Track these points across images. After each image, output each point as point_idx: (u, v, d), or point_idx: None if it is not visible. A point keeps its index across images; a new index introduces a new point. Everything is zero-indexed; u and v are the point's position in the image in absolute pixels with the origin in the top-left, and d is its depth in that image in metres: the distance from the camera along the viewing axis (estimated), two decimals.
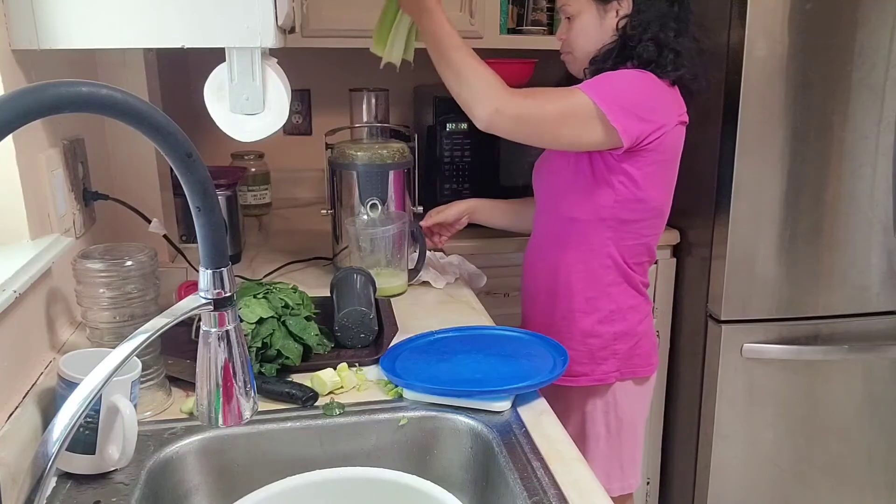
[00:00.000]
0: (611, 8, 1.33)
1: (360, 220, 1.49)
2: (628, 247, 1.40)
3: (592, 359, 1.43)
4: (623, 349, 1.43)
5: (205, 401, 0.66)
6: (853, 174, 1.82)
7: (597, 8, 1.35)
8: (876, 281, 1.91)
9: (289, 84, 1.04)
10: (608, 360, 1.43)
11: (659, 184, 1.37)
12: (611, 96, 1.27)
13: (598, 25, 1.35)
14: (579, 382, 1.43)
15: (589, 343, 1.42)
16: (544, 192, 1.48)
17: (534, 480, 0.85)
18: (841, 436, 2.00)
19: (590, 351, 1.42)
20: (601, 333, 1.42)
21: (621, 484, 1.48)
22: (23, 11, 0.95)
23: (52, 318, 1.08)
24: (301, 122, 2.37)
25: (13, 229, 1.01)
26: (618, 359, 1.43)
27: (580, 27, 1.37)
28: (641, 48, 1.30)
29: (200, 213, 0.59)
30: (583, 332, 1.43)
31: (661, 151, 1.32)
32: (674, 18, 1.32)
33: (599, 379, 1.43)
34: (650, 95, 1.31)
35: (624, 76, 1.30)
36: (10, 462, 0.81)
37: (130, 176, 1.45)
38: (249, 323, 1.07)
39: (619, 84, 1.30)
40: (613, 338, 1.42)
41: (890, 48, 1.75)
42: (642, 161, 1.32)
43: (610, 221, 1.37)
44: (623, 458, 1.48)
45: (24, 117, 0.48)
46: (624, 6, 1.33)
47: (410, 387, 1.03)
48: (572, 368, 1.40)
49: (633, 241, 1.39)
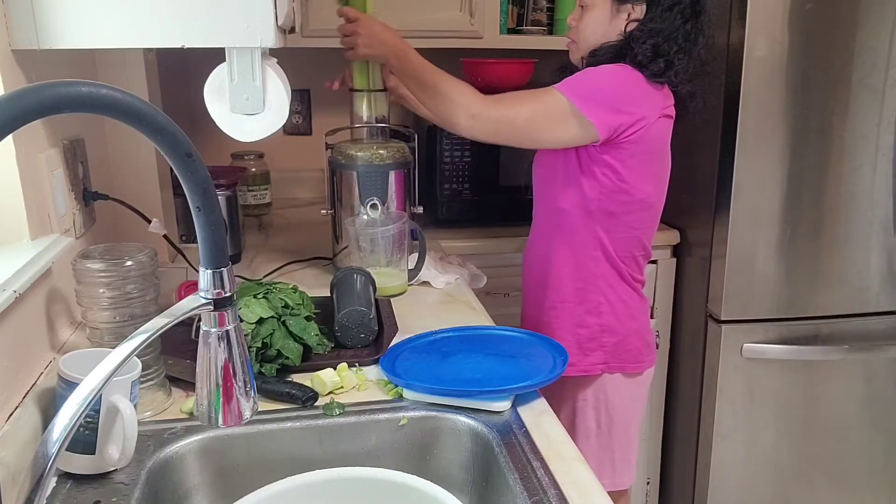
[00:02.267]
0: (624, 9, 1.34)
1: (360, 220, 1.49)
2: (618, 239, 1.41)
3: (580, 349, 1.45)
4: (611, 342, 1.45)
5: (205, 401, 0.66)
6: (853, 174, 1.82)
7: (612, 5, 1.35)
8: (876, 281, 1.91)
9: (289, 84, 1.04)
10: (595, 352, 1.45)
11: (644, 176, 1.38)
12: (586, 91, 1.30)
13: (608, 22, 1.36)
14: (567, 372, 1.43)
15: (577, 333, 1.45)
16: (537, 185, 1.51)
17: (534, 480, 0.85)
18: (841, 436, 2.00)
19: (577, 341, 1.45)
20: (589, 324, 1.44)
21: (612, 480, 1.50)
22: (23, 11, 0.95)
23: (52, 318, 1.08)
24: (301, 122, 2.37)
25: (13, 229, 1.01)
26: (605, 351, 1.45)
27: (591, 19, 1.38)
28: (638, 50, 1.32)
29: (200, 213, 0.59)
30: (571, 322, 1.45)
31: (645, 143, 1.34)
32: (683, 36, 1.32)
33: (585, 370, 1.45)
34: (627, 87, 1.32)
35: (601, 71, 1.33)
36: (10, 462, 0.81)
37: (130, 176, 1.45)
38: (249, 323, 1.07)
39: (596, 78, 1.33)
40: (601, 330, 1.44)
41: (890, 48, 1.75)
42: (624, 153, 1.34)
43: (598, 214, 1.39)
44: (615, 455, 1.49)
45: (24, 117, 0.48)
46: (637, 11, 1.34)
47: (410, 387, 1.03)
48: None
49: (622, 233, 1.41)
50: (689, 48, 1.33)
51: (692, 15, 1.33)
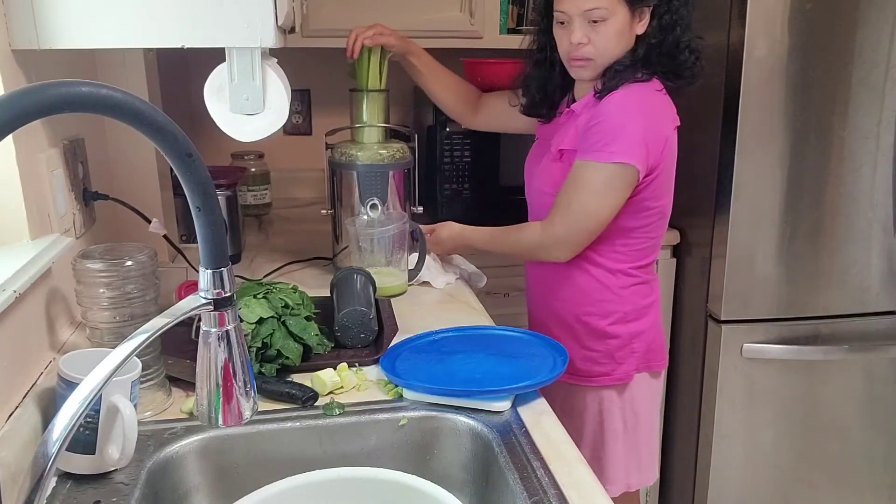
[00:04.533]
0: (639, 13, 1.29)
1: (360, 220, 1.48)
2: (637, 251, 1.40)
3: (612, 359, 1.42)
4: (641, 347, 1.43)
5: (205, 401, 0.66)
6: (853, 174, 1.82)
7: (628, 12, 1.27)
8: (876, 281, 1.90)
9: (289, 84, 1.04)
10: (628, 359, 1.42)
11: (664, 190, 1.37)
12: (613, 142, 1.26)
13: (629, 31, 1.29)
14: (601, 382, 1.43)
15: (608, 343, 1.42)
16: (545, 206, 1.40)
17: (534, 480, 0.85)
18: (841, 436, 2.00)
19: (609, 351, 1.42)
20: (619, 334, 1.41)
21: (639, 478, 1.48)
22: (23, 11, 0.95)
23: (52, 318, 1.08)
24: (301, 122, 2.37)
25: (13, 229, 1.01)
26: (636, 357, 1.43)
27: (612, 32, 1.28)
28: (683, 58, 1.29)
29: (200, 213, 0.59)
30: (601, 334, 1.42)
31: (664, 159, 1.32)
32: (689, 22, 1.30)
33: (620, 378, 1.43)
34: (646, 118, 1.29)
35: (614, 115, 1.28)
36: (10, 462, 0.81)
37: (130, 176, 1.45)
38: (249, 323, 1.07)
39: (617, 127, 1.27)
40: (630, 337, 1.42)
41: (890, 48, 1.75)
42: (650, 176, 1.31)
43: (617, 231, 1.36)
44: (640, 452, 1.47)
45: (24, 117, 0.48)
46: (647, 14, 1.29)
47: (410, 387, 1.03)
48: (591, 369, 1.42)
49: (642, 244, 1.40)
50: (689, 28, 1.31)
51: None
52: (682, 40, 1.30)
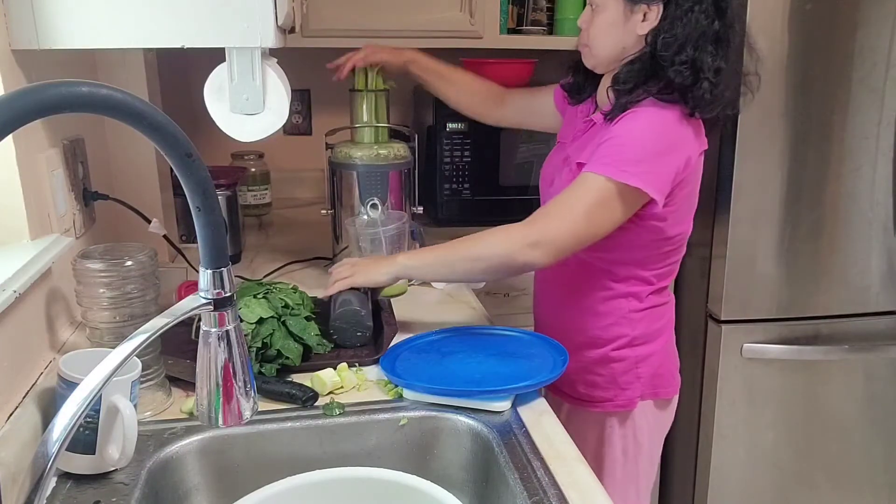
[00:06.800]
0: (638, 10, 1.21)
1: (360, 220, 1.48)
2: (654, 275, 1.32)
3: (615, 384, 1.34)
4: (647, 372, 1.34)
5: (205, 401, 0.66)
6: (853, 174, 1.82)
7: (624, 6, 1.22)
8: (876, 281, 1.90)
9: (289, 84, 1.04)
10: (632, 385, 1.34)
11: (686, 216, 1.30)
12: (624, 160, 1.17)
13: (622, 25, 1.23)
14: (604, 408, 1.35)
15: (612, 368, 1.33)
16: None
17: (534, 480, 0.85)
18: (841, 436, 2.00)
19: (612, 376, 1.34)
20: (625, 357, 1.33)
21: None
22: (23, 11, 0.95)
23: (52, 318, 1.08)
24: (301, 122, 2.37)
25: (13, 229, 1.01)
26: (642, 382, 1.35)
27: (603, 22, 1.25)
28: (674, 72, 1.17)
29: (200, 213, 0.59)
30: (606, 358, 1.34)
31: (686, 184, 1.25)
32: (713, 39, 1.17)
33: (622, 405, 1.34)
34: (665, 140, 1.20)
35: (630, 132, 1.19)
36: (10, 462, 0.81)
37: (130, 176, 1.45)
38: (249, 323, 1.07)
39: (633, 144, 1.18)
40: (637, 361, 1.34)
41: (890, 48, 1.75)
42: (671, 200, 1.23)
43: (634, 262, 1.30)
44: (640, 483, 1.40)
45: (24, 117, 0.48)
46: (652, 13, 1.20)
47: (410, 387, 1.03)
48: (594, 394, 1.34)
49: (661, 268, 1.32)
50: (722, 53, 1.18)
51: (717, 13, 1.17)
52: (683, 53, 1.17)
